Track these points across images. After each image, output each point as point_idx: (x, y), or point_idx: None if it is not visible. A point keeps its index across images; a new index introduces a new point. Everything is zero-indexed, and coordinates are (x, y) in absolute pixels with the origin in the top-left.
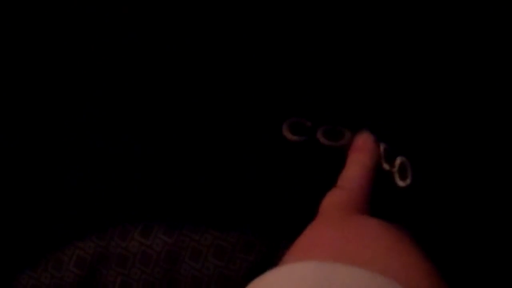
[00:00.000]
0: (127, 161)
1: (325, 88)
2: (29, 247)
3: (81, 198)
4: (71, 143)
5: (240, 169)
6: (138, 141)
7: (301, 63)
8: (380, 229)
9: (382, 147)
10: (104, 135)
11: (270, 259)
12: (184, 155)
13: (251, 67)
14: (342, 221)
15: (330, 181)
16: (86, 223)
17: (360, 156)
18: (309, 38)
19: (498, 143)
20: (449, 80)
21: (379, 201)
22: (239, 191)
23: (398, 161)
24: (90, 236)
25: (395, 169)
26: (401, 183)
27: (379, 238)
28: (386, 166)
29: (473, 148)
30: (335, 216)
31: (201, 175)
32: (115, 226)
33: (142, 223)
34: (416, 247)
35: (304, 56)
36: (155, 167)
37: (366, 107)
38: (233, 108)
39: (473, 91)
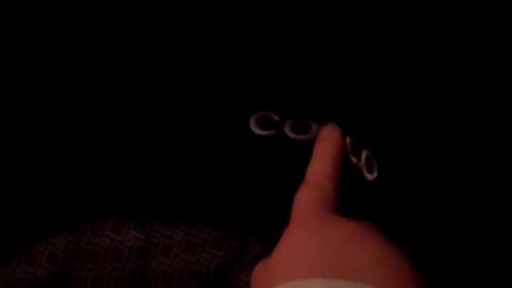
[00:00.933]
0: (98, 157)
1: (292, 82)
2: (2, 243)
3: (53, 193)
4: (44, 138)
5: (209, 163)
6: (109, 137)
7: (267, 57)
8: (362, 234)
9: (348, 140)
10: (75, 131)
11: (241, 254)
12: (153, 150)
13: (219, 61)
14: (321, 226)
15: (299, 175)
16: (58, 218)
17: (327, 147)
18: (275, 32)
19: (462, 136)
20: (411, 73)
21: (347, 196)
22: (208, 185)
23: (364, 154)
24: (62, 231)
25: (362, 162)
26: (369, 177)
27: (364, 245)
28: (353, 159)
29: (438, 141)
30: (312, 220)
31: (170, 169)
32: (87, 221)
33: (113, 218)
34: (397, 249)
35: (270, 50)
36: (126, 162)
37: (332, 101)
38: (201, 102)
39: (436, 83)
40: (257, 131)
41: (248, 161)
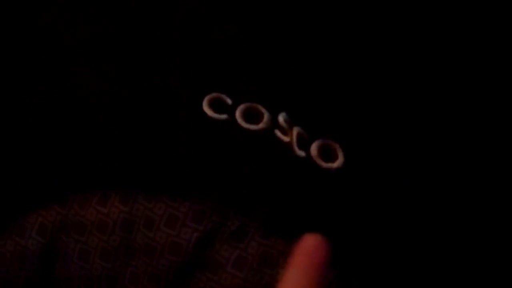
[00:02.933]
0: (84, 128)
1: (246, 64)
2: None
3: (42, 165)
4: (32, 111)
5: (175, 140)
6: (95, 111)
7: (225, 38)
8: None
9: (295, 131)
10: (63, 104)
11: (221, 228)
12: (125, 126)
13: (175, 40)
14: None
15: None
16: (49, 190)
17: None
18: (227, 11)
19: (438, 129)
20: (371, 64)
21: (307, 188)
22: (180, 160)
23: (314, 145)
24: (52, 203)
25: (314, 153)
26: (328, 166)
27: None
28: (300, 153)
29: (403, 129)
30: None
31: (148, 143)
32: (76, 193)
33: (100, 191)
34: None
35: (228, 32)
36: (112, 136)
37: (289, 87)
38: (157, 78)
39: (403, 75)
40: (209, 113)
41: (204, 142)
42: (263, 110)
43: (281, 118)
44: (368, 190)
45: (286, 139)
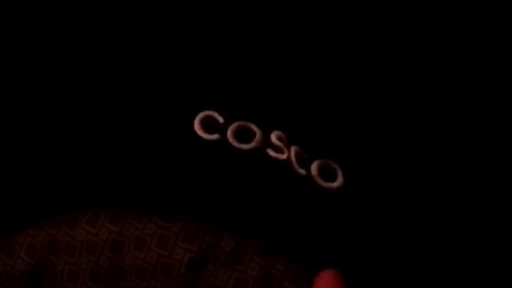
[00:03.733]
0: (74, 147)
1: (238, 82)
2: None
3: (31, 184)
4: (22, 133)
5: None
6: (84, 131)
7: (215, 54)
8: None
9: (293, 151)
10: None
11: (214, 250)
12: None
13: (166, 56)
14: None
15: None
16: (37, 210)
17: None
18: (223, 28)
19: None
20: (369, 82)
21: (300, 208)
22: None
23: (314, 164)
24: (41, 223)
25: (314, 173)
26: (329, 185)
27: None
28: (302, 171)
29: (404, 147)
30: None
31: (136, 162)
32: (65, 213)
33: (90, 211)
34: None
35: (218, 47)
36: (101, 155)
37: (281, 105)
38: (148, 95)
39: (403, 88)
40: (201, 133)
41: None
42: (255, 128)
43: (273, 136)
44: (367, 210)
45: (282, 157)
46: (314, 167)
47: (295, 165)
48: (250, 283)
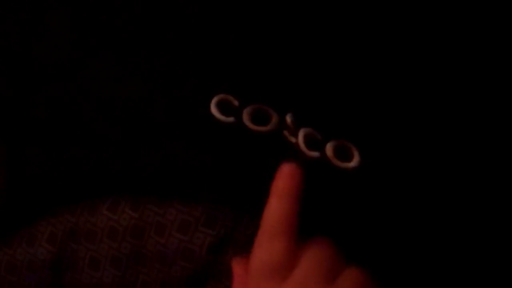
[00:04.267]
0: (92, 134)
1: (253, 64)
2: (3, 223)
3: (51, 172)
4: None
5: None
6: (104, 116)
7: (232, 40)
8: None
9: (302, 132)
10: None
11: (234, 234)
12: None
13: (182, 42)
14: None
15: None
16: (58, 197)
17: (281, 186)
18: (238, 17)
19: (451, 129)
20: (382, 65)
21: (323, 188)
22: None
23: (330, 145)
24: (62, 211)
25: (329, 153)
26: (345, 165)
27: None
28: (312, 153)
29: (427, 131)
30: None
31: (155, 147)
32: (86, 200)
33: (111, 197)
34: None
35: (235, 34)
36: (119, 141)
37: (295, 88)
38: (165, 80)
39: (423, 77)
40: (217, 115)
41: (211, 145)
42: (271, 111)
43: (288, 118)
44: (384, 189)
45: (293, 139)
46: (329, 148)
47: (303, 148)
48: None
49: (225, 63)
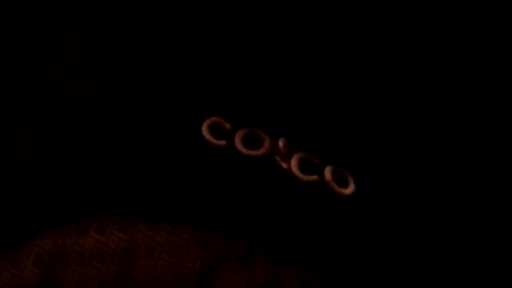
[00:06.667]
0: (80, 152)
1: (246, 86)
2: None
3: (36, 192)
4: (26, 138)
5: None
6: (92, 135)
7: (222, 59)
8: None
9: (296, 157)
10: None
11: (225, 256)
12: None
13: (174, 59)
14: None
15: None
16: (44, 218)
17: None
18: (229, 33)
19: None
20: (380, 88)
21: (321, 215)
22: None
23: (328, 169)
24: (48, 232)
25: (329, 178)
26: (343, 191)
27: None
28: (309, 178)
29: (414, 154)
30: None
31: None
32: (72, 221)
33: (98, 218)
34: None
35: (225, 52)
36: (108, 160)
37: (288, 112)
38: (156, 99)
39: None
40: (209, 138)
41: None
42: (264, 135)
43: (281, 143)
44: (378, 218)
45: (284, 165)
46: (328, 172)
47: (298, 174)
48: None
49: (217, 84)
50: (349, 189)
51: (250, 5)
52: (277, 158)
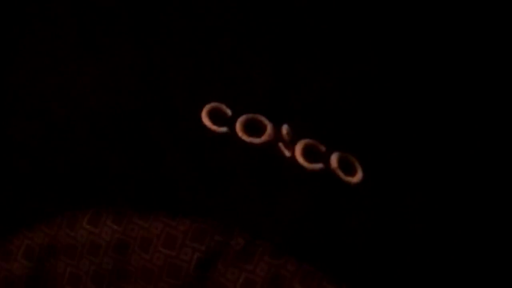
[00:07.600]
0: (73, 141)
1: (248, 71)
2: None
3: (27, 183)
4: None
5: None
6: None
7: (222, 42)
8: None
9: (300, 144)
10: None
11: (224, 249)
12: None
13: (175, 47)
14: None
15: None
16: (35, 210)
17: None
18: (232, 23)
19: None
20: (386, 75)
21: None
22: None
23: (334, 156)
24: (39, 224)
25: (334, 165)
26: (350, 180)
27: None
28: (314, 166)
29: (422, 141)
30: None
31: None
32: (64, 213)
33: (91, 209)
34: None
35: (228, 37)
36: (102, 149)
37: (291, 98)
38: (154, 87)
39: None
40: (209, 125)
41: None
42: (266, 121)
43: (284, 130)
44: (387, 207)
45: (287, 153)
46: (333, 160)
47: (302, 162)
48: (259, 283)
49: (217, 69)
50: (357, 177)
51: None
52: (280, 145)
